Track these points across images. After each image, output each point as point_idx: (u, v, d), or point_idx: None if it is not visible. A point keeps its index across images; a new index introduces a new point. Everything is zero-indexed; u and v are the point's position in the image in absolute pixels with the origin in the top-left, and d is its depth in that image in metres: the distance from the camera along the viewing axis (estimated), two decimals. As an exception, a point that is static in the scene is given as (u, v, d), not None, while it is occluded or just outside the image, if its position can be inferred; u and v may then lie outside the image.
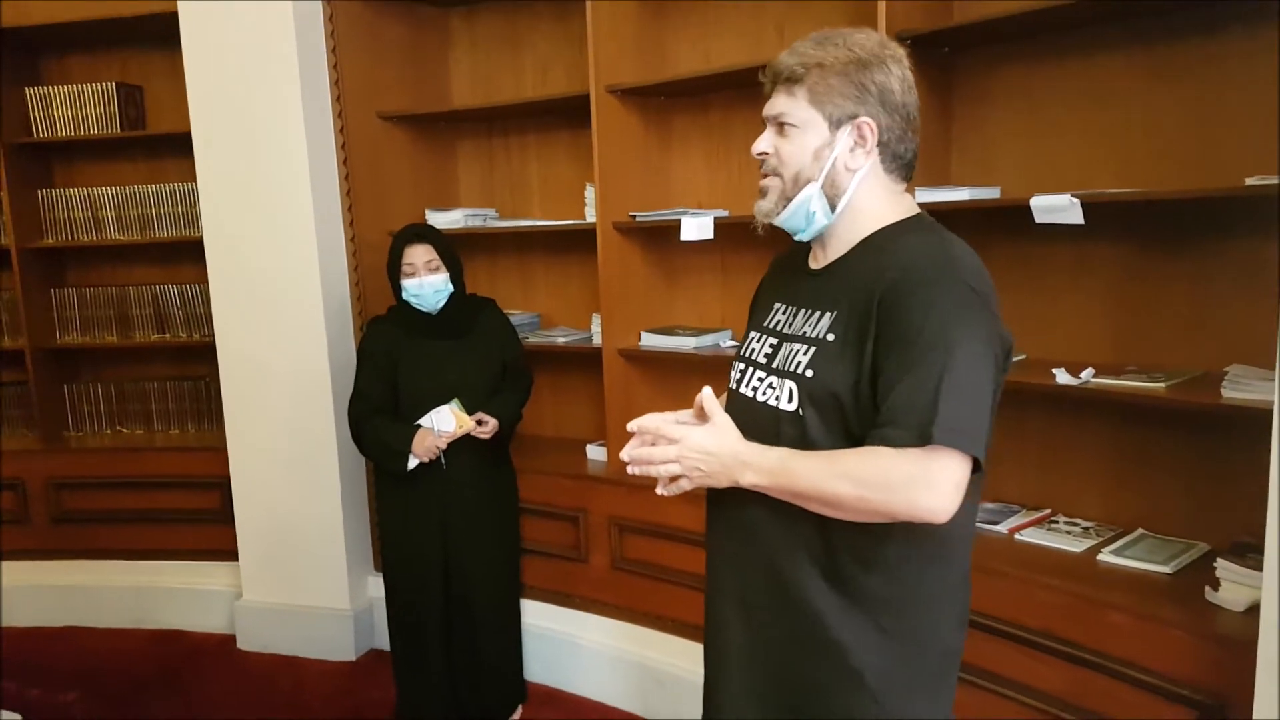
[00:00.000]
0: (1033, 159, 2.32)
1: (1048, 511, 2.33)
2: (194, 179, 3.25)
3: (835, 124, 1.28)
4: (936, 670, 1.32)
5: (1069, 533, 2.20)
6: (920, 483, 1.13)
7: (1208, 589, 1.85)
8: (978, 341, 1.17)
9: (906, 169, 1.33)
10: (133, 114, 3.60)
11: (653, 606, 2.84)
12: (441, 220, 3.23)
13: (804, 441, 1.25)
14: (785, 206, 1.32)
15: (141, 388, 3.75)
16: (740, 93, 2.79)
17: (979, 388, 1.17)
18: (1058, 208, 2.00)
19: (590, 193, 2.95)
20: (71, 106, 3.53)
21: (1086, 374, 2.06)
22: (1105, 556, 2.06)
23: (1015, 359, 2.27)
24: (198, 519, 3.53)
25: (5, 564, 3.51)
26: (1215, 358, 2.04)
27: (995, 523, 2.27)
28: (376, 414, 2.58)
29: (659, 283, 3.05)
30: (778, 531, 1.29)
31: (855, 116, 1.27)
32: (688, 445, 1.25)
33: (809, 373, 1.26)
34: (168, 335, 3.66)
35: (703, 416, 1.31)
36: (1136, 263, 2.18)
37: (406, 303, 2.59)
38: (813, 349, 1.27)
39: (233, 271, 3.24)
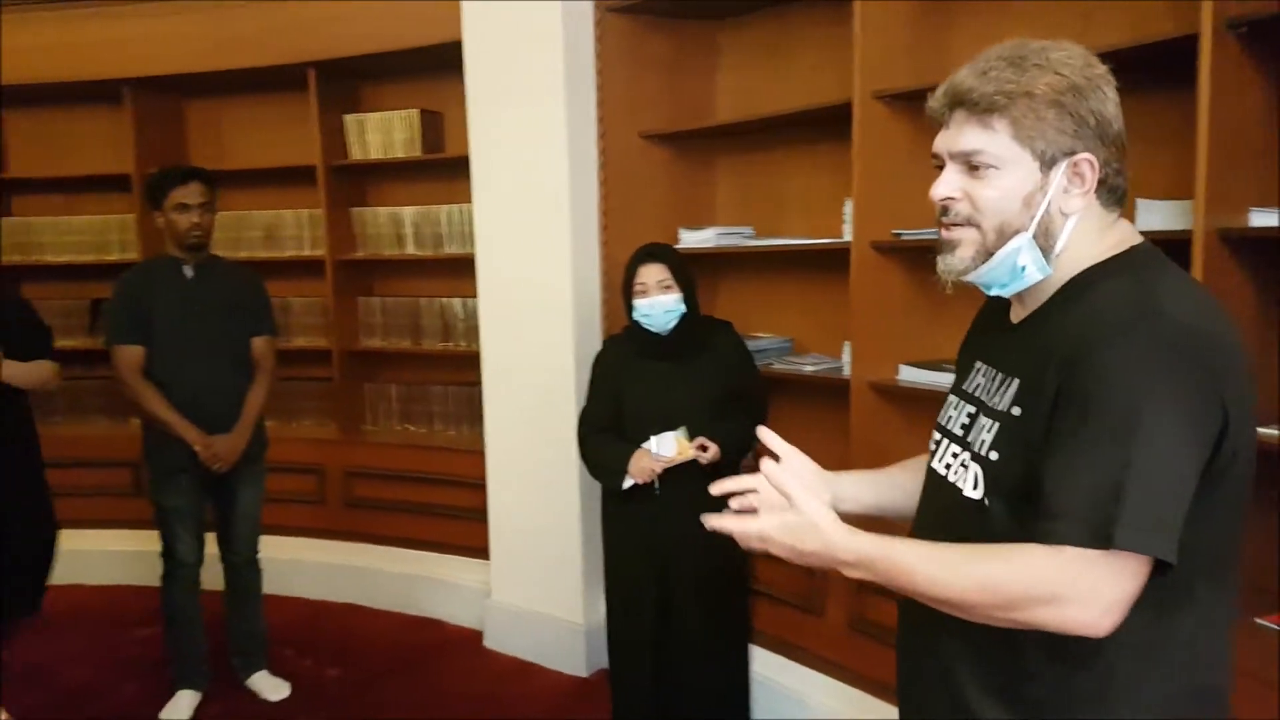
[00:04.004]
0: None
1: None
2: (479, 200, 3.43)
3: (1048, 163, 1.06)
4: None
5: None
6: (1074, 594, 0.94)
7: None
8: (1176, 411, 0.95)
9: (1121, 199, 1.11)
10: (432, 138, 3.91)
11: (893, 678, 2.50)
12: (694, 239, 3.13)
13: (987, 538, 1.01)
14: (985, 261, 1.08)
15: (427, 390, 4.05)
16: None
17: (1175, 472, 0.95)
18: None
19: (849, 208, 2.69)
20: (381, 131, 3.91)
21: None
22: None
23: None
24: (463, 516, 3.72)
25: (303, 540, 3.94)
26: None
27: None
28: (601, 432, 2.55)
29: (921, 309, 2.70)
30: (947, 630, 1.10)
31: (1072, 153, 1.05)
32: (767, 535, 1.09)
33: (993, 455, 1.07)
34: (451, 344, 3.94)
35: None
36: None
37: (638, 322, 2.52)
38: (998, 425, 1.08)
39: (496, 287, 3.38)
